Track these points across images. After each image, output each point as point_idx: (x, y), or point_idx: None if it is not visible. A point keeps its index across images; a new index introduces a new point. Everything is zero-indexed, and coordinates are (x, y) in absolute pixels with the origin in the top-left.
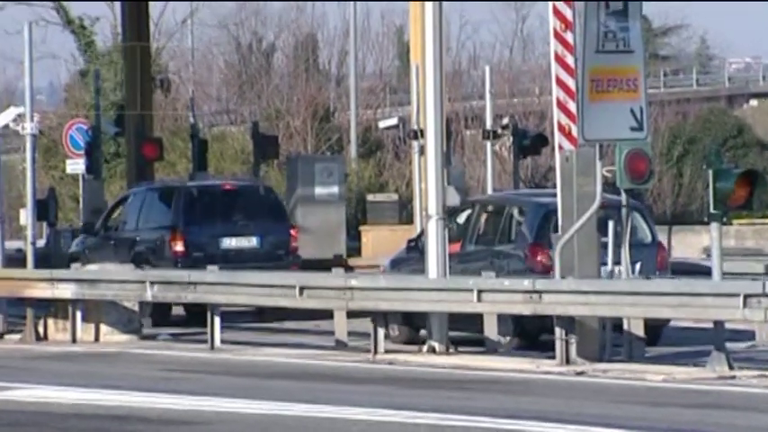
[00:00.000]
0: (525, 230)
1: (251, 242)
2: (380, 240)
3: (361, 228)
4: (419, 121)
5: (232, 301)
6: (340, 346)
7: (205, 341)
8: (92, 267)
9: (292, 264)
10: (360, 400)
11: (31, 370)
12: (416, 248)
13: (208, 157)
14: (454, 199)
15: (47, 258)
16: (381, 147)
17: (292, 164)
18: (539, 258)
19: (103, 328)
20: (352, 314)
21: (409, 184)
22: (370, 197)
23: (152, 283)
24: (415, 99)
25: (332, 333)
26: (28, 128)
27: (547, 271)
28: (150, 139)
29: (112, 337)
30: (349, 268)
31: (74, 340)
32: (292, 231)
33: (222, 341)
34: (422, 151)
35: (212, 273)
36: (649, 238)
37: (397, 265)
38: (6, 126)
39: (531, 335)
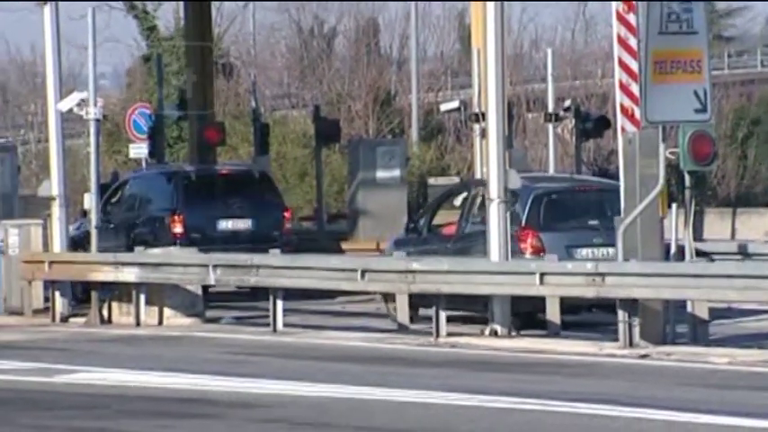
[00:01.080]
0: (515, 213)
1: (246, 224)
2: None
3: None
4: (481, 105)
5: (294, 285)
6: (402, 329)
7: (267, 324)
8: (155, 251)
9: (285, 245)
10: (425, 383)
11: (95, 353)
12: (415, 230)
13: (269, 141)
14: (516, 182)
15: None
16: (443, 130)
17: (354, 148)
18: (529, 241)
19: (167, 311)
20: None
21: (471, 167)
22: (431, 180)
23: (215, 266)
24: (477, 82)
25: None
26: (91, 113)
27: (537, 253)
28: (212, 124)
29: (176, 321)
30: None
31: (137, 323)
32: (285, 214)
33: (284, 324)
34: (483, 134)
35: (275, 256)
36: None
37: (399, 246)
38: (70, 111)
39: (524, 315)
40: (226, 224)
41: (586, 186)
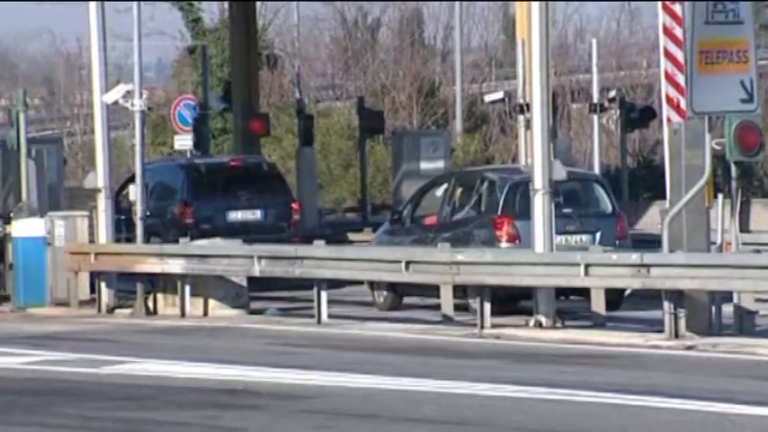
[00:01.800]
0: (492, 202)
1: (255, 215)
2: None
3: None
4: (525, 95)
5: (338, 276)
6: (446, 320)
7: (312, 316)
8: (201, 242)
9: (293, 236)
10: (470, 374)
11: (141, 344)
12: (399, 221)
13: (314, 132)
14: (560, 173)
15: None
16: (487, 121)
17: (398, 139)
18: (505, 228)
19: (212, 302)
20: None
21: (515, 158)
22: None
23: (260, 257)
24: (521, 73)
25: (438, 307)
26: (137, 104)
27: (512, 240)
28: (257, 115)
29: (221, 312)
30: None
31: (183, 315)
32: (294, 205)
33: (329, 316)
34: (528, 125)
35: (320, 248)
36: (609, 209)
37: (384, 237)
38: (116, 103)
39: (503, 300)
40: (235, 215)
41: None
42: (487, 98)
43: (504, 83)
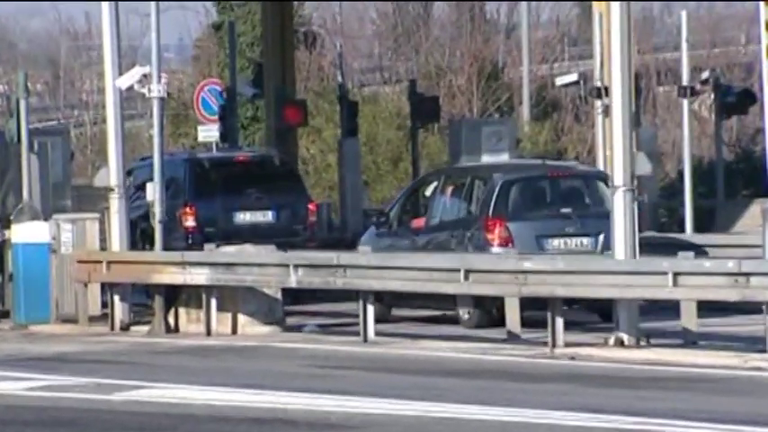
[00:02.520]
0: (484, 202)
1: (266, 216)
2: None
3: None
4: (603, 77)
5: (386, 287)
6: (512, 338)
7: (357, 333)
8: (228, 249)
9: (308, 240)
10: (538, 400)
11: (160, 366)
12: (386, 223)
13: (358, 121)
14: (644, 167)
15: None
16: (559, 107)
17: (455, 128)
18: (496, 231)
19: (241, 318)
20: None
21: (591, 150)
22: None
23: (296, 266)
24: (599, 51)
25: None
26: (155, 90)
27: (505, 244)
28: (292, 102)
29: (252, 329)
30: None
31: (208, 332)
32: (310, 206)
33: (376, 333)
34: (606, 112)
35: (365, 255)
36: None
37: (368, 241)
38: (130, 88)
39: (487, 310)
40: (243, 217)
41: (560, 172)
42: (559, 81)
43: (579, 63)
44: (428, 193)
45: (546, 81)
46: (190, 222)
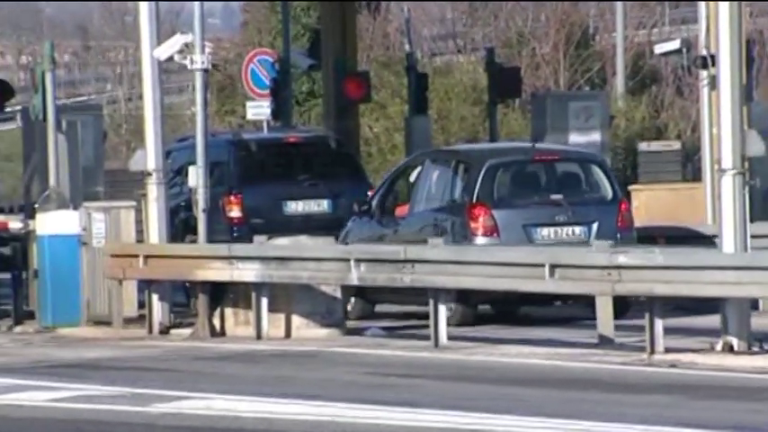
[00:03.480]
0: (468, 189)
1: (321, 206)
2: (657, 203)
3: (632, 187)
4: (709, 45)
5: (460, 285)
6: (604, 342)
7: (427, 337)
8: (281, 241)
9: None
10: (634, 413)
11: (204, 374)
12: (368, 212)
13: (429, 95)
14: (757, 146)
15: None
16: (658, 79)
17: (539, 103)
18: (481, 219)
19: (296, 319)
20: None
21: (696, 128)
22: (642, 146)
23: (358, 260)
24: (704, 14)
25: (592, 326)
26: (197, 61)
27: (490, 233)
28: (354, 74)
29: (307, 332)
30: None
31: (258, 336)
32: (370, 193)
33: (449, 337)
34: (712, 84)
35: (436, 248)
36: (610, 195)
37: (349, 231)
38: (170, 59)
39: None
40: (295, 206)
41: (550, 156)
42: (659, 49)
43: (682, 28)
44: (412, 178)
45: (643, 49)
46: (234, 213)
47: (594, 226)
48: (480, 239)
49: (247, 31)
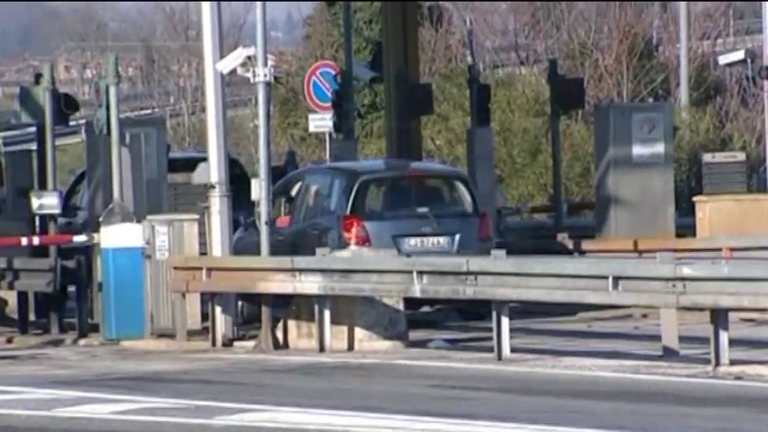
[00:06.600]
0: (343, 202)
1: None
2: (722, 215)
3: (696, 199)
4: None
5: (523, 297)
6: (669, 354)
7: (490, 349)
8: (343, 254)
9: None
10: (700, 427)
11: (267, 386)
12: (253, 224)
13: (491, 107)
14: None
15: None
16: (723, 90)
17: (602, 115)
18: (353, 230)
19: (358, 332)
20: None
21: (761, 138)
22: (707, 157)
23: (420, 273)
24: None
25: (656, 338)
26: (260, 74)
27: (362, 243)
28: (416, 86)
29: (370, 344)
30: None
31: (321, 348)
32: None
33: (512, 349)
34: None
35: (499, 260)
36: (471, 209)
37: (237, 244)
38: (233, 72)
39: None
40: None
41: (418, 173)
42: (723, 59)
43: (746, 39)
44: (293, 193)
45: (707, 60)
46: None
47: (457, 237)
48: (353, 248)
49: (310, 43)
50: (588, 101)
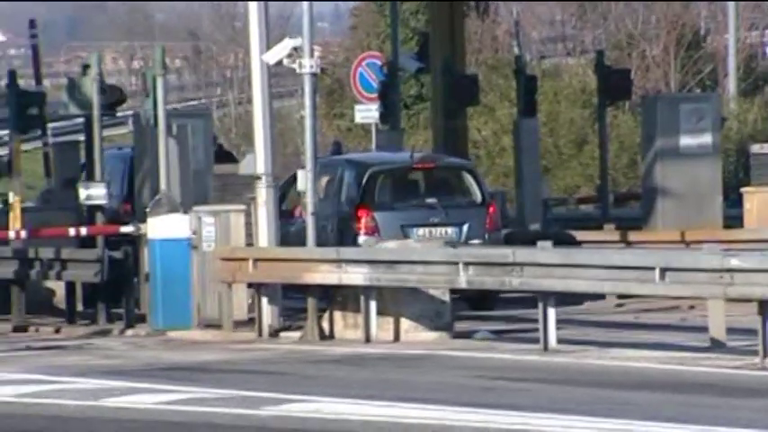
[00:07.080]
0: (353, 193)
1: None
2: None
3: (744, 189)
4: None
5: (570, 288)
6: (716, 346)
7: (536, 340)
8: (389, 245)
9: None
10: (746, 417)
11: (313, 377)
12: None
13: (537, 98)
14: None
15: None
16: None
17: (650, 106)
18: (363, 221)
19: (404, 323)
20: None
21: None
22: (755, 148)
23: (466, 264)
24: None
25: (703, 329)
26: (307, 65)
27: (371, 233)
28: (463, 77)
29: (416, 335)
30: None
31: (367, 339)
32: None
33: (559, 340)
34: None
35: (545, 251)
36: (479, 199)
37: None
38: (279, 63)
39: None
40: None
41: (426, 164)
42: None
43: None
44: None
45: (756, 50)
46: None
47: (465, 227)
48: (363, 238)
49: (356, 34)
50: (635, 92)
